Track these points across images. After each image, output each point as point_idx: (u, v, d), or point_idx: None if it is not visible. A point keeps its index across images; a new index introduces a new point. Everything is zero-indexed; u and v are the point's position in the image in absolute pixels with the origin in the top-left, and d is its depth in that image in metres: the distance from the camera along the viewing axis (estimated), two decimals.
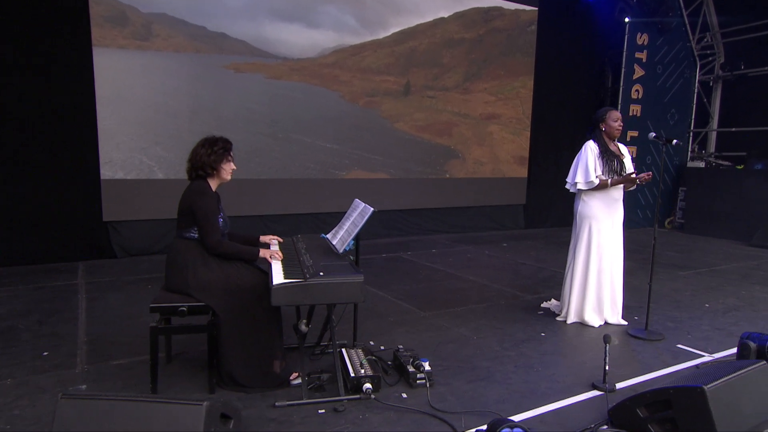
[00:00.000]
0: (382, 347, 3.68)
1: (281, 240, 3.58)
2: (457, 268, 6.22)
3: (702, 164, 9.74)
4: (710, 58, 9.99)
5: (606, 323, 4.35)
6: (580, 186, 4.25)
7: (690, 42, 9.76)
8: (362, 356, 3.25)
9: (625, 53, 9.08)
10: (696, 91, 10.01)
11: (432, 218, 8.52)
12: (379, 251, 7.08)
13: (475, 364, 3.50)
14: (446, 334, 4.05)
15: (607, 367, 3.10)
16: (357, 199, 3.55)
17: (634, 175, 4.12)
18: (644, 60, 9.27)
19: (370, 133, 7.73)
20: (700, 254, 7.44)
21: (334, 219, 7.11)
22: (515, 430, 2.12)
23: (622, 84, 9.14)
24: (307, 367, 3.30)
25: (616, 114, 4.27)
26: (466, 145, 8.60)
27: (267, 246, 3.47)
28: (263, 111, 6.88)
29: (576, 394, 3.09)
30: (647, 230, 9.60)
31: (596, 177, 4.17)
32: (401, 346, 3.51)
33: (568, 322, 4.35)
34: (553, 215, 9.64)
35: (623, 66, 9.10)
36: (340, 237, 3.30)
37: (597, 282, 4.29)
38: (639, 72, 9.25)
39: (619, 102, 9.20)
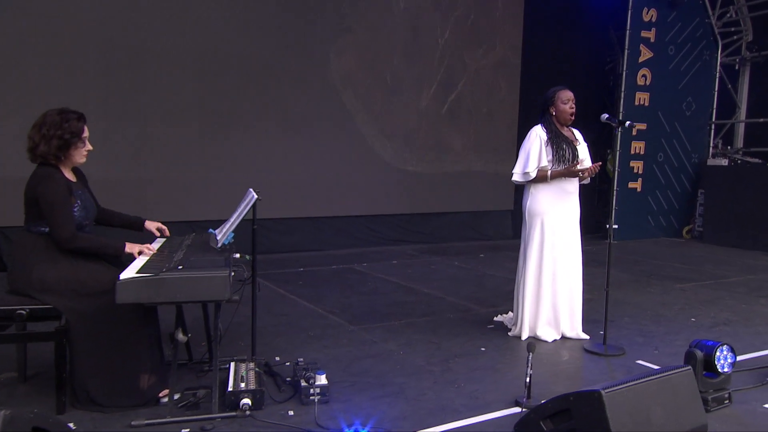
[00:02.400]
0: (287, 363, 3.79)
1: (167, 232, 3.70)
2: (413, 280, 6.38)
3: (725, 162, 9.88)
4: (735, 37, 10.17)
5: (563, 337, 4.46)
6: (516, 178, 4.39)
7: (709, 18, 9.96)
8: (251, 370, 3.36)
9: (628, 32, 9.24)
10: (718, 75, 10.20)
11: (398, 226, 8.67)
12: (330, 263, 7.24)
13: (389, 380, 3.61)
14: (369, 349, 4.18)
15: (527, 380, 3.20)
16: (250, 189, 3.69)
17: (579, 167, 4.24)
18: (652, 40, 9.46)
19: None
20: (711, 266, 7.56)
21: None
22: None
23: (625, 68, 9.31)
24: (184, 382, 3.41)
25: (566, 94, 4.40)
26: (438, 134, 8.75)
27: (150, 237, 3.60)
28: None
29: (493, 411, 3.19)
30: (659, 241, 9.74)
31: (535, 169, 4.29)
32: (301, 359, 3.63)
33: (522, 337, 4.45)
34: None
35: (626, 47, 9.27)
36: (224, 230, 3.43)
37: (552, 289, 4.41)
38: (646, 54, 9.42)
39: (622, 90, 9.36)
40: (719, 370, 3.18)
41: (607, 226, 4.31)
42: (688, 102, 10.01)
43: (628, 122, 4.19)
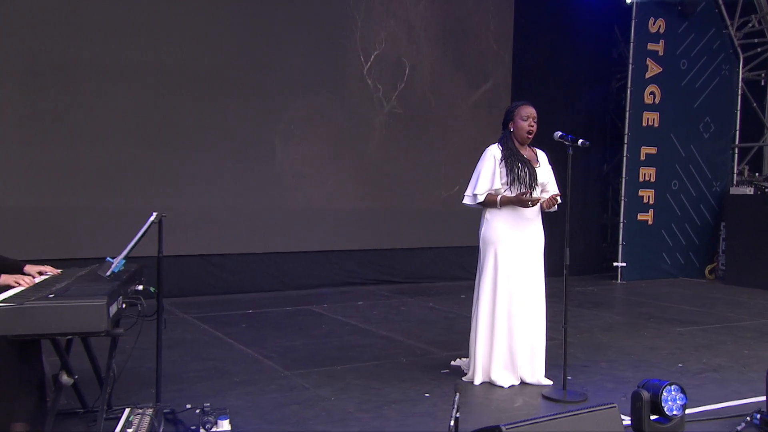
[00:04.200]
0: (193, 408, 3.91)
1: (57, 271, 3.83)
2: (375, 323, 6.55)
3: (750, 190, 9.99)
4: (758, 49, 10.40)
5: (522, 383, 4.55)
6: (465, 201, 4.56)
7: (727, 28, 10.21)
8: (146, 417, 3.47)
9: (632, 45, 9.51)
10: (740, 92, 10.40)
11: (372, 263, 8.82)
12: (285, 304, 7.38)
13: (309, 427, 3.74)
14: (298, 395, 4.32)
15: (451, 423, 3.30)
16: (153, 212, 3.85)
17: (536, 194, 4.37)
18: (661, 53, 9.70)
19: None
20: (725, 309, 7.64)
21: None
22: None
23: (630, 85, 9.53)
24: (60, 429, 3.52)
25: (526, 110, 4.59)
26: (420, 161, 8.95)
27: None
28: None
29: None
30: (677, 282, 9.79)
31: (484, 193, 4.46)
32: (208, 405, 3.74)
33: (476, 382, 4.55)
34: (549, 261, 9.80)
35: (630, 61, 9.52)
36: (118, 257, 3.59)
37: (507, 328, 4.52)
38: (654, 69, 9.66)
39: (627, 110, 9.57)
40: (666, 412, 3.28)
41: (565, 261, 4.41)
42: (706, 123, 10.19)
43: (581, 141, 4.35)
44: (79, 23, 7.10)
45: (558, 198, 4.54)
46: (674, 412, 3.31)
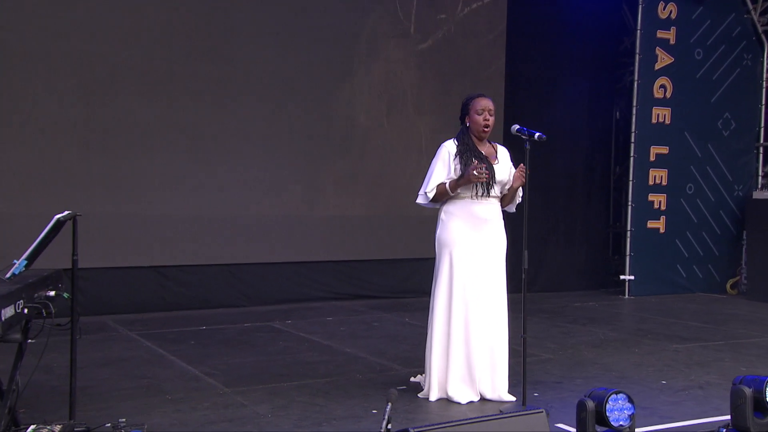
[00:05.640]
0: (108, 425, 4.06)
1: None
2: (339, 339, 6.76)
3: None
4: None
5: (483, 399, 4.69)
6: (418, 200, 4.72)
7: (749, 13, 10.34)
8: None
9: (639, 33, 9.64)
10: (765, 84, 10.51)
11: (349, 276, 8.99)
12: (245, 320, 7.55)
13: None
14: (232, 412, 4.49)
15: None
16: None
17: (479, 169, 4.48)
18: (672, 41, 9.85)
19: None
20: (736, 326, 7.76)
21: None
22: None
23: (637, 78, 9.67)
24: None
25: (481, 103, 4.75)
26: (400, 162, 9.11)
27: None
28: None
29: None
30: (694, 297, 9.87)
31: (433, 189, 4.62)
32: (123, 420, 3.90)
33: (431, 398, 4.70)
34: (545, 274, 10.02)
35: (637, 51, 9.66)
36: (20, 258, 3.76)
37: (464, 340, 4.67)
38: (664, 59, 9.80)
39: (634, 105, 9.70)
40: (612, 423, 3.40)
41: (523, 265, 4.56)
42: (726, 119, 10.31)
43: (537, 134, 4.50)
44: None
45: (521, 173, 4.64)
46: (621, 423, 3.42)
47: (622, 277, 9.80)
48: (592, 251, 10.44)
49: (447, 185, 4.61)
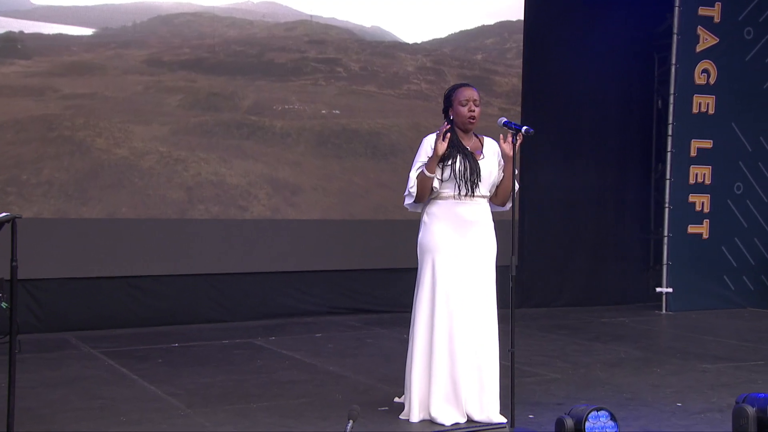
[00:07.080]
0: None
1: None
2: (324, 357, 6.84)
3: None
4: None
5: (470, 420, 4.73)
6: (405, 202, 4.79)
7: None
8: None
9: (677, 9, 9.59)
10: None
11: (346, 288, 9.07)
12: (223, 336, 7.66)
13: None
14: None
15: None
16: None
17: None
18: (717, 20, 9.79)
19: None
20: None
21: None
22: None
23: (674, 61, 9.64)
24: None
25: (465, 93, 4.79)
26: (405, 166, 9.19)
27: None
28: None
29: None
30: (742, 313, 9.81)
31: (414, 184, 4.69)
32: None
33: (412, 419, 4.74)
34: (569, 288, 10.03)
35: (675, 31, 9.61)
36: None
37: (448, 353, 4.69)
38: (707, 40, 9.75)
39: (671, 92, 9.68)
40: None
41: (511, 273, 4.61)
42: None
43: (524, 128, 4.55)
44: None
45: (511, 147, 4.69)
46: None
47: (658, 289, 9.74)
48: (627, 261, 10.42)
49: (424, 170, 4.67)
